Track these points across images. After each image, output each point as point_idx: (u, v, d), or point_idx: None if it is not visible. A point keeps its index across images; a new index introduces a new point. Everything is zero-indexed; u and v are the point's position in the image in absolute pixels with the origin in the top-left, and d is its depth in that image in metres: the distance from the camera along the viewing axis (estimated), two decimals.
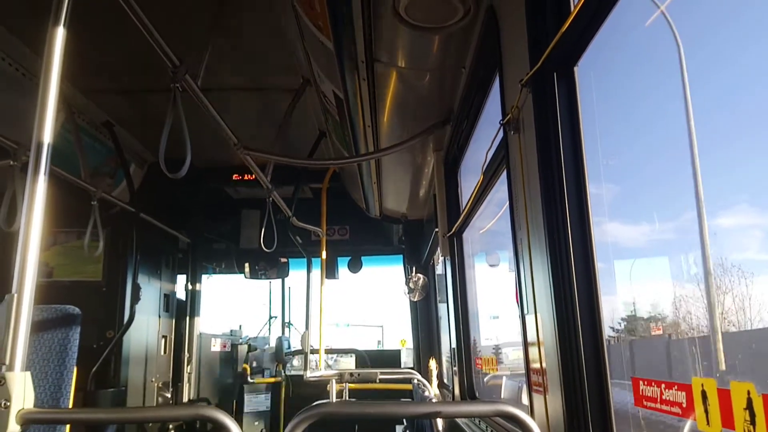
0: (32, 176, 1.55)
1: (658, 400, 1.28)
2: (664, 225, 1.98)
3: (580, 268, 1.68)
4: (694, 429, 1.17)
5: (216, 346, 6.18)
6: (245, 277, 6.73)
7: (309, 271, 5.72)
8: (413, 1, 2.25)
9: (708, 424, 1.11)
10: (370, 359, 6.52)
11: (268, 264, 6.75)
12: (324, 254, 5.56)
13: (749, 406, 1.03)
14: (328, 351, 6.65)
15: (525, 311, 1.91)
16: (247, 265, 6.83)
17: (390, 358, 6.78)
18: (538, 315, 1.79)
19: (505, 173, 2.17)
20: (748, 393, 1.01)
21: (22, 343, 1.38)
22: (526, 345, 1.97)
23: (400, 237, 6.74)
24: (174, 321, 5.67)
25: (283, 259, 6.87)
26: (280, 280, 7.59)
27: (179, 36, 3.57)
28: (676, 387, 1.22)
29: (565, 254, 1.69)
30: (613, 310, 2.12)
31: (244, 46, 3.73)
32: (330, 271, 6.60)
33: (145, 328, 5.11)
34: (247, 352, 6.43)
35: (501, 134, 2.11)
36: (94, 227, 3.91)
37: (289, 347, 6.49)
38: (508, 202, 2.19)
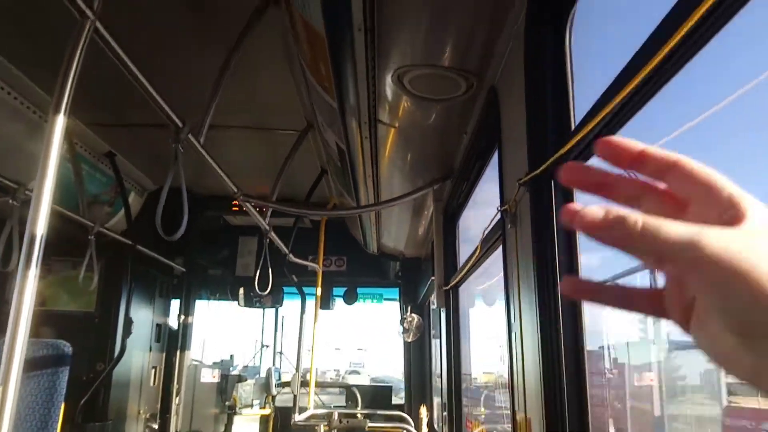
0: (30, 230, 1.57)
1: None
2: None
3: (571, 363, 1.69)
4: None
5: (206, 377, 6.13)
6: (239, 304, 6.69)
7: (303, 311, 5.68)
8: (417, 75, 2.26)
9: None
10: (360, 394, 6.45)
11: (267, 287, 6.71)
12: (319, 291, 5.54)
13: None
14: (319, 385, 6.59)
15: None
16: (241, 291, 6.80)
17: (381, 396, 6.70)
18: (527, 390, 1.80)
19: (501, 249, 2.18)
20: None
21: (10, 403, 1.36)
22: (513, 413, 1.99)
23: (397, 272, 6.72)
24: (165, 351, 5.62)
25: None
26: (273, 309, 7.55)
27: (183, 89, 3.60)
28: None
29: (556, 345, 1.69)
30: None
31: (251, 90, 3.74)
32: (325, 302, 6.57)
33: (136, 359, 5.06)
34: (237, 383, 6.37)
35: (499, 215, 2.10)
36: (89, 260, 3.90)
37: (279, 378, 6.43)
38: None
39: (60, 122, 1.46)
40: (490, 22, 1.88)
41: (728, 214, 0.37)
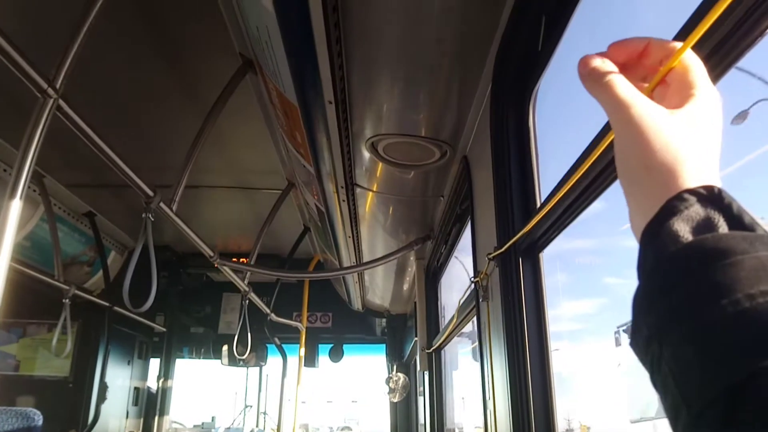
0: None
1: None
2: None
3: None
4: None
5: None
6: (222, 363, 6.50)
7: (284, 374, 5.52)
8: (390, 143, 2.27)
9: None
10: None
11: (245, 350, 6.53)
12: (302, 351, 5.41)
13: None
14: None
15: None
16: (224, 349, 6.61)
17: None
18: None
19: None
20: None
21: None
22: None
23: (383, 328, 6.61)
24: (143, 414, 5.42)
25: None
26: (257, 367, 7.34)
27: (161, 152, 3.60)
28: None
29: (527, 415, 1.65)
30: None
31: (231, 151, 3.75)
32: (309, 360, 6.41)
33: (112, 425, 4.87)
34: None
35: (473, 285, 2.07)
36: (63, 325, 3.79)
37: None
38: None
39: (17, 204, 1.42)
40: (460, 95, 1.90)
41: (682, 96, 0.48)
